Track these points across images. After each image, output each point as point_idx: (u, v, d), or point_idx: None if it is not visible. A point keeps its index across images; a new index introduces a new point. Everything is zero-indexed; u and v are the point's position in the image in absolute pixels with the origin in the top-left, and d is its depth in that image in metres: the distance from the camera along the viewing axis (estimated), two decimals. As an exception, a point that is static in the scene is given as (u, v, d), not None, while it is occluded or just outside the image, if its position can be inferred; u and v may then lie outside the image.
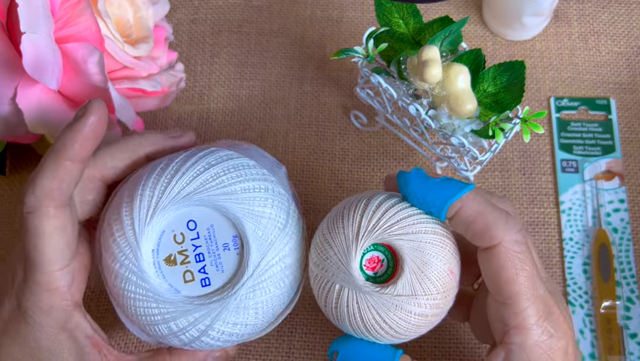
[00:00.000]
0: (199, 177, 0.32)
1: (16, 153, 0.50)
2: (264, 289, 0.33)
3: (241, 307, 0.32)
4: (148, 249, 0.32)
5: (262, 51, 0.54)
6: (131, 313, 0.33)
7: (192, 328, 0.32)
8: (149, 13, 0.47)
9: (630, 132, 0.51)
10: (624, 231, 0.47)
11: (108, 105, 0.42)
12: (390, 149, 0.51)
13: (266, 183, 0.34)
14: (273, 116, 0.52)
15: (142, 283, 0.32)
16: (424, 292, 0.31)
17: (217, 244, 0.33)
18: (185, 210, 0.33)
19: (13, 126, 0.42)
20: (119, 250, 0.32)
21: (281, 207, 0.34)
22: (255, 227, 0.32)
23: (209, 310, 0.32)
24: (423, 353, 0.44)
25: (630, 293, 0.45)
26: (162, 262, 0.33)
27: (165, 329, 0.32)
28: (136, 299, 0.32)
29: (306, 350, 0.45)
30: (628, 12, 0.55)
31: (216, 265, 0.33)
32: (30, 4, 0.39)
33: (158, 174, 0.33)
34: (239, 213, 0.32)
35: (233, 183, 0.33)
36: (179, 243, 0.33)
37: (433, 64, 0.39)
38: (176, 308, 0.32)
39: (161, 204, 0.32)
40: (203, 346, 0.33)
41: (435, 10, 0.55)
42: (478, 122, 0.41)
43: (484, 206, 0.32)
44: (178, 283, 0.33)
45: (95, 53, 0.40)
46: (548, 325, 0.31)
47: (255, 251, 0.32)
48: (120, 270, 0.32)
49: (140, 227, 0.32)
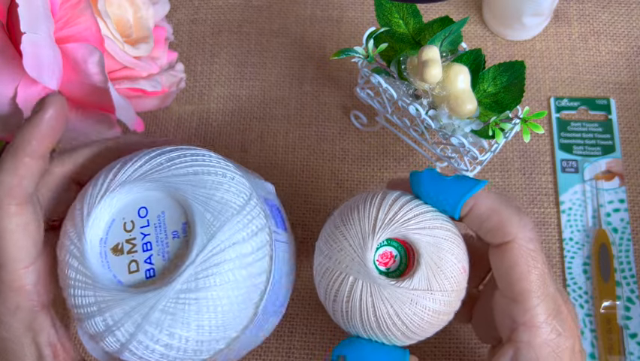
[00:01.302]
0: (152, 160, 0.31)
1: (16, 153, 0.50)
2: (210, 278, 0.29)
3: (182, 298, 0.29)
4: (96, 236, 0.30)
5: (262, 51, 0.54)
6: (71, 304, 0.30)
7: (128, 320, 0.29)
8: (149, 13, 0.47)
9: (630, 132, 0.51)
10: (624, 231, 0.47)
11: (108, 105, 0.42)
12: (390, 149, 0.51)
13: (223, 170, 0.32)
14: (273, 117, 0.52)
15: (82, 269, 0.30)
16: (439, 287, 0.31)
17: (166, 232, 0.30)
18: (138, 195, 0.31)
19: (12, 126, 0.42)
20: (67, 237, 0.31)
21: (237, 193, 0.31)
22: (204, 209, 0.30)
23: (146, 299, 0.29)
24: (423, 353, 0.44)
25: (630, 293, 0.46)
26: (109, 252, 0.31)
27: (101, 322, 0.29)
28: (75, 287, 0.30)
29: (306, 350, 0.45)
30: (628, 12, 0.55)
31: (163, 255, 0.30)
32: (30, 4, 0.39)
33: (114, 164, 0.32)
34: (187, 194, 0.30)
35: (186, 166, 0.31)
36: (129, 231, 0.31)
37: (433, 64, 0.39)
38: (112, 296, 0.29)
39: (110, 188, 0.30)
40: (144, 351, 0.30)
41: (435, 10, 0.55)
42: (478, 123, 0.41)
43: (498, 203, 0.32)
44: (122, 273, 0.30)
45: (95, 53, 0.40)
46: (557, 323, 0.32)
47: (201, 235, 0.29)
48: (65, 257, 0.30)
49: (87, 211, 0.30)
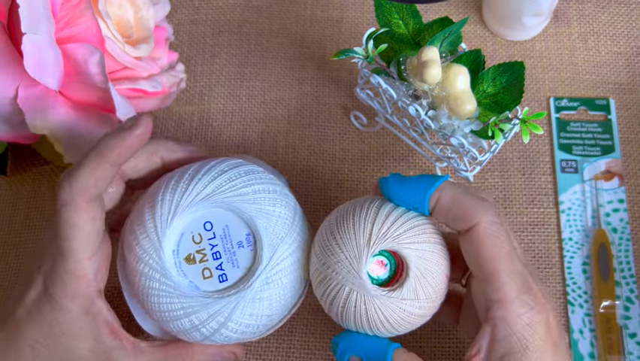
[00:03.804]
0: (213, 181, 0.36)
1: (17, 153, 0.50)
2: (277, 281, 0.35)
3: (256, 298, 0.35)
4: (169, 249, 0.35)
5: (262, 51, 0.54)
6: (154, 309, 0.35)
7: (212, 320, 0.35)
8: (150, 14, 0.48)
9: (630, 132, 0.51)
10: (623, 231, 0.47)
11: (109, 106, 0.42)
12: (390, 149, 0.51)
13: (273, 186, 0.37)
14: (273, 117, 0.52)
15: (165, 280, 0.35)
16: (425, 296, 0.34)
17: (232, 243, 0.36)
18: (202, 212, 0.36)
19: (14, 127, 0.42)
20: (143, 252, 0.35)
21: (288, 206, 0.37)
22: (267, 224, 0.36)
23: (228, 303, 0.35)
24: (423, 353, 0.45)
25: (629, 293, 0.46)
26: (182, 261, 0.36)
27: (187, 322, 0.35)
28: (160, 296, 0.35)
29: (306, 350, 0.45)
30: (627, 12, 0.55)
31: (232, 262, 0.36)
32: (31, 4, 0.39)
33: (176, 182, 0.36)
34: (251, 213, 0.36)
35: (244, 185, 0.36)
36: (197, 243, 0.36)
37: (432, 64, 0.39)
38: (197, 302, 0.35)
39: (180, 208, 0.35)
40: (223, 339, 0.36)
41: (434, 10, 0.55)
42: (477, 123, 0.41)
43: (460, 192, 0.34)
44: (197, 279, 0.36)
45: (95, 54, 0.40)
46: (528, 298, 0.33)
47: (267, 246, 0.35)
48: (144, 269, 0.35)
49: (162, 229, 0.35)
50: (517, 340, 0.33)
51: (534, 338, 0.33)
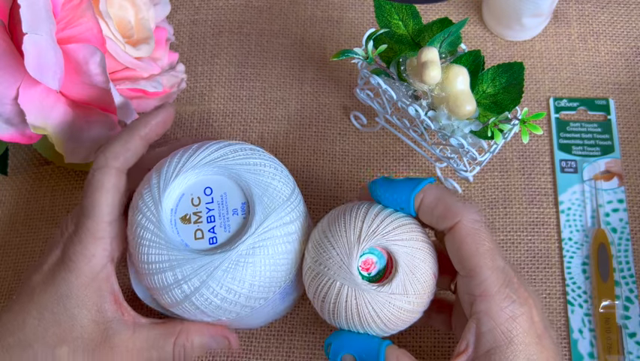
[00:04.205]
0: (219, 150, 0.38)
1: (17, 153, 0.50)
2: (263, 248, 0.36)
3: (241, 262, 0.36)
4: (168, 207, 0.37)
5: (262, 52, 0.55)
6: (142, 260, 0.36)
7: (194, 276, 0.35)
8: (150, 14, 0.48)
9: (629, 133, 0.51)
10: (623, 231, 0.47)
11: (110, 106, 0.42)
12: (390, 150, 0.51)
13: (275, 165, 0.39)
14: (273, 117, 0.52)
15: (157, 232, 0.36)
16: (413, 291, 0.35)
17: (227, 209, 0.38)
18: (205, 177, 0.38)
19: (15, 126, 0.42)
20: (144, 204, 0.37)
21: (286, 184, 0.38)
22: (262, 193, 0.37)
23: (212, 261, 0.35)
24: (423, 353, 0.45)
25: (629, 293, 0.46)
26: (178, 220, 0.37)
27: (171, 276, 0.36)
28: (150, 246, 0.36)
29: (306, 350, 0.45)
30: (627, 12, 0.55)
31: (224, 227, 0.37)
32: (32, 4, 0.39)
33: (184, 150, 0.38)
34: (250, 181, 0.37)
35: (247, 157, 0.38)
36: (196, 205, 0.38)
37: (432, 65, 0.39)
38: (183, 256, 0.36)
39: (184, 168, 0.37)
40: (202, 302, 0.36)
41: (434, 11, 0.56)
42: (477, 123, 0.42)
43: (442, 193, 0.36)
44: (189, 238, 0.37)
45: (96, 54, 0.40)
46: (510, 291, 0.34)
47: (259, 213, 0.36)
48: (141, 220, 0.37)
49: (164, 185, 0.37)
50: (501, 333, 0.34)
51: (518, 331, 0.34)
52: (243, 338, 0.45)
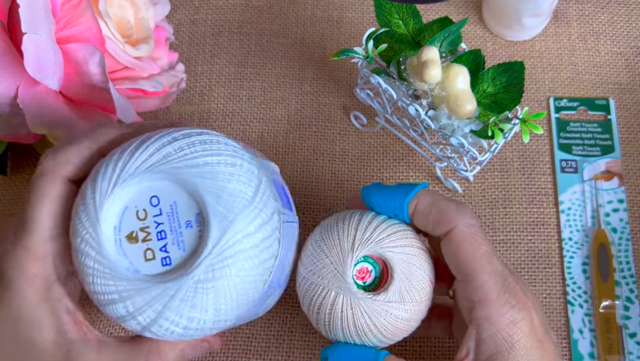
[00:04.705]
0: (162, 149, 0.32)
1: (17, 153, 0.50)
2: (226, 269, 0.31)
3: (199, 288, 0.30)
4: (110, 224, 0.31)
5: (262, 52, 0.54)
6: (90, 290, 0.31)
7: (149, 308, 0.31)
8: (150, 14, 0.48)
9: (629, 132, 0.51)
10: (623, 231, 0.47)
11: (109, 106, 0.42)
12: (390, 149, 0.51)
13: (233, 159, 0.32)
14: (273, 117, 0.52)
15: (100, 259, 0.31)
16: (410, 299, 0.35)
17: (179, 222, 0.32)
18: (148, 184, 0.32)
19: (14, 126, 0.42)
20: (81, 225, 0.31)
21: (248, 183, 0.32)
22: (216, 202, 0.31)
23: (166, 289, 0.30)
24: (423, 352, 0.45)
25: (629, 293, 0.46)
26: (124, 239, 0.32)
27: (122, 308, 0.31)
28: (94, 275, 0.31)
29: (306, 350, 0.45)
30: (627, 12, 0.55)
31: (178, 244, 0.32)
32: (31, 4, 0.39)
33: (121, 151, 0.32)
34: (199, 187, 0.31)
35: (196, 156, 0.31)
36: (142, 219, 0.32)
37: (432, 64, 0.39)
38: (133, 286, 0.31)
39: (121, 178, 0.31)
40: (163, 333, 0.32)
41: (434, 10, 0.56)
42: (477, 123, 0.41)
43: (436, 198, 0.35)
44: (139, 261, 0.31)
45: (95, 54, 0.40)
46: (509, 296, 0.34)
47: (215, 228, 0.30)
48: (81, 245, 0.31)
49: (100, 200, 0.31)
50: (502, 338, 0.33)
51: (519, 336, 0.33)
52: (242, 338, 0.45)
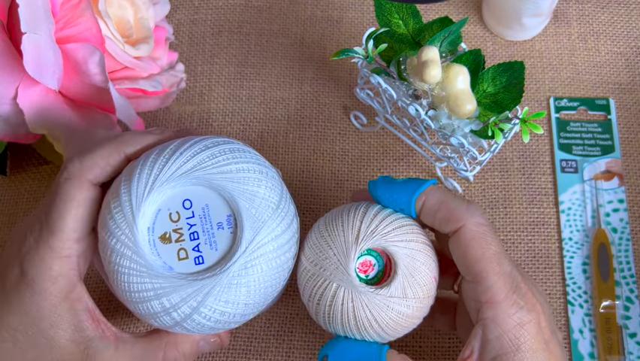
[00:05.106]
0: (195, 157, 0.33)
1: (16, 153, 0.50)
2: (257, 267, 0.33)
3: (233, 284, 0.33)
4: (144, 226, 0.33)
5: (262, 51, 0.54)
6: (124, 289, 0.33)
7: (184, 304, 0.32)
8: (150, 14, 0.48)
9: (629, 132, 0.51)
10: (623, 231, 0.47)
11: (109, 105, 0.42)
12: (390, 149, 0.51)
13: (260, 167, 0.35)
14: (273, 117, 0.52)
15: (136, 258, 0.32)
16: (413, 295, 0.34)
17: (211, 223, 0.34)
18: (182, 189, 0.34)
19: (14, 126, 0.42)
20: (116, 226, 0.33)
21: (274, 189, 0.34)
22: (249, 205, 0.33)
23: (202, 286, 0.32)
24: (423, 353, 0.45)
25: (629, 293, 0.46)
26: (157, 240, 0.33)
27: (158, 305, 0.32)
28: (130, 275, 0.32)
29: (306, 350, 0.45)
30: (627, 12, 0.55)
31: (210, 244, 0.34)
32: (31, 4, 0.39)
33: (156, 155, 0.34)
34: (234, 192, 0.33)
35: (228, 163, 0.34)
36: (175, 221, 0.34)
37: (432, 64, 0.39)
38: (170, 284, 0.32)
39: (158, 182, 0.33)
40: (195, 326, 0.33)
41: (434, 10, 0.56)
42: (477, 123, 0.41)
43: (445, 195, 0.35)
44: (172, 260, 0.33)
45: (95, 54, 0.40)
46: (517, 298, 0.33)
47: (248, 229, 0.33)
48: (116, 245, 0.33)
49: (137, 203, 0.33)
50: (508, 340, 0.33)
51: (525, 338, 0.33)
52: (242, 338, 0.45)
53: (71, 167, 0.34)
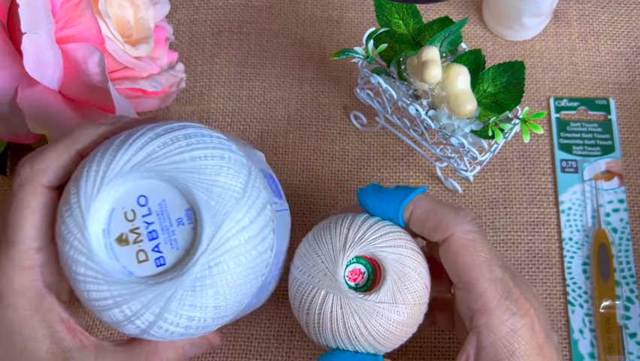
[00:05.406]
0: (146, 147, 0.31)
1: (16, 153, 0.50)
2: (222, 264, 0.30)
3: (197, 286, 0.30)
4: (97, 228, 0.30)
5: (262, 51, 0.54)
6: (83, 298, 0.31)
7: (146, 311, 0.30)
8: (150, 14, 0.48)
9: (629, 132, 0.51)
10: (623, 231, 0.47)
11: (109, 105, 0.42)
12: (390, 149, 0.51)
13: (220, 151, 0.31)
14: (273, 117, 0.52)
15: (91, 265, 0.30)
16: (403, 301, 0.34)
17: (170, 220, 0.31)
18: (134, 183, 0.31)
19: (13, 126, 0.42)
20: (68, 231, 0.30)
21: (237, 175, 0.31)
22: (207, 197, 0.30)
23: (162, 291, 0.30)
24: (423, 352, 0.45)
25: (630, 293, 0.46)
26: (114, 242, 0.31)
27: (119, 313, 0.30)
28: (87, 282, 0.30)
29: (306, 350, 0.45)
30: (627, 12, 0.55)
31: (170, 243, 0.31)
32: (31, 4, 0.39)
33: (103, 151, 0.31)
34: (189, 183, 0.30)
35: (182, 151, 0.31)
36: (131, 220, 0.31)
37: (432, 64, 0.39)
38: (128, 290, 0.30)
39: (106, 179, 0.30)
40: (163, 334, 0.31)
41: (435, 10, 0.55)
42: (477, 123, 0.41)
43: (433, 204, 0.35)
44: (131, 263, 0.31)
45: (95, 53, 0.40)
46: (510, 304, 0.33)
47: (209, 223, 0.30)
48: (70, 252, 0.30)
49: (86, 204, 0.30)
50: (502, 346, 0.33)
51: (519, 344, 0.33)
52: (242, 338, 0.45)
53: (23, 172, 0.32)
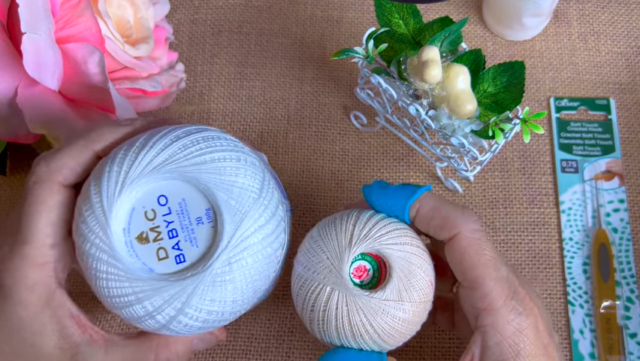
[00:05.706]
0: (166, 149, 0.32)
1: (16, 153, 0.50)
2: (242, 261, 0.31)
3: (218, 281, 0.31)
4: (119, 227, 0.31)
5: (262, 51, 0.54)
6: (104, 295, 0.31)
7: (168, 306, 0.31)
8: (150, 14, 0.48)
9: (630, 132, 0.51)
10: (624, 231, 0.47)
11: (109, 105, 0.42)
12: (390, 149, 0.51)
13: (237, 154, 0.33)
14: (273, 117, 0.52)
15: (113, 262, 0.31)
16: (409, 298, 0.33)
17: (190, 219, 0.32)
18: (155, 184, 0.32)
19: (13, 126, 0.42)
20: (89, 230, 0.31)
21: (254, 176, 0.33)
22: (228, 197, 0.31)
23: (184, 286, 0.31)
24: (423, 353, 0.44)
25: (630, 293, 0.46)
26: (134, 241, 0.32)
27: (140, 309, 0.31)
28: (108, 280, 0.31)
29: (306, 350, 0.45)
30: (628, 12, 0.55)
31: (190, 241, 0.32)
32: (31, 4, 0.39)
33: (125, 151, 0.32)
34: (210, 184, 0.31)
35: (202, 153, 0.32)
36: (151, 219, 0.32)
37: (433, 64, 0.39)
38: (150, 286, 0.31)
39: (128, 179, 0.31)
40: (182, 328, 0.32)
41: (435, 10, 0.55)
42: (478, 123, 0.41)
43: (440, 202, 0.35)
44: (152, 261, 0.32)
45: (95, 53, 0.40)
46: (515, 303, 0.33)
47: (229, 222, 0.31)
48: (91, 250, 0.31)
49: (108, 203, 0.31)
50: (508, 346, 0.33)
51: (525, 344, 0.33)
52: (242, 338, 0.45)
53: (39, 170, 0.32)
